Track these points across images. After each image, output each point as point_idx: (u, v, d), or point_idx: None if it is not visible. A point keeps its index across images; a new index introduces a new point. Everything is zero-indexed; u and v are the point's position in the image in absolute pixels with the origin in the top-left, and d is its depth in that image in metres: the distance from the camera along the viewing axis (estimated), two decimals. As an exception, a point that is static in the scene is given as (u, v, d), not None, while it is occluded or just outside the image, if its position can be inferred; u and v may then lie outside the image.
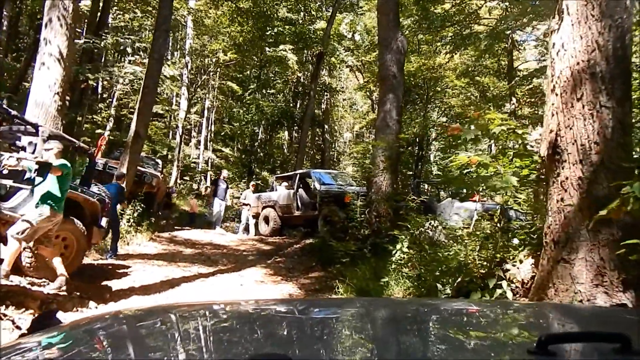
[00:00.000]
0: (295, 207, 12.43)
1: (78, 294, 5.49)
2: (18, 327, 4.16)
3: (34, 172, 5.05)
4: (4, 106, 5.49)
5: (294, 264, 8.80)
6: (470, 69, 23.47)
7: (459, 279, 3.86)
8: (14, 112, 5.65)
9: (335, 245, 7.48)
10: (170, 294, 6.16)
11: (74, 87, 14.36)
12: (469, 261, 4.03)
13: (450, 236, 7.24)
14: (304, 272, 8.08)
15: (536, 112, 22.59)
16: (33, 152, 5.85)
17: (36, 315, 4.26)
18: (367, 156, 32.27)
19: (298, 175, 12.97)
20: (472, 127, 3.70)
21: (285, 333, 1.22)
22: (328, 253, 8.16)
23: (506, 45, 20.64)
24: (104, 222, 6.78)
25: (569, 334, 1.14)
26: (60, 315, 4.42)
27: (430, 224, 7.98)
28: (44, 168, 4.90)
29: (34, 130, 5.95)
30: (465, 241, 5.42)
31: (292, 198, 12.49)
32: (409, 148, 21.10)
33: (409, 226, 7.20)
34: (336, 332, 1.25)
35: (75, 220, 6.09)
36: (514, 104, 21.50)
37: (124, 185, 8.96)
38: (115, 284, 6.37)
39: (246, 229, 14.43)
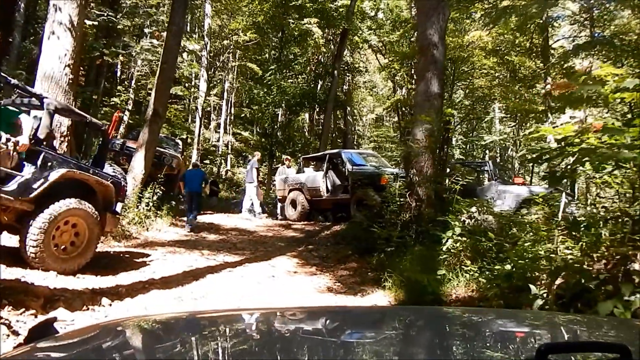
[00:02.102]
0: (325, 189, 11.62)
1: (89, 288, 4.80)
2: (15, 333, 3.45)
3: None
4: (3, 74, 4.77)
5: (327, 252, 8.03)
6: (501, 47, 22.26)
7: (559, 280, 3.03)
8: (14, 81, 4.93)
9: (377, 232, 6.66)
10: (194, 287, 5.43)
11: (90, 64, 13.74)
12: (570, 257, 3.18)
13: (503, 223, 6.43)
14: (340, 261, 7.30)
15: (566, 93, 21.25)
16: (37, 129, 5.14)
17: (36, 322, 3.54)
18: (388, 139, 31.57)
19: (327, 155, 12.13)
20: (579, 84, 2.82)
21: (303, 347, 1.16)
22: (366, 240, 7.39)
23: (540, 21, 19.28)
24: (119, 207, 6.07)
25: (569, 344, 1.13)
26: (66, 315, 3.66)
27: (477, 208, 7.18)
28: None
29: (39, 103, 5.24)
30: (541, 230, 4.57)
31: (322, 180, 11.68)
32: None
33: (464, 210, 6.37)
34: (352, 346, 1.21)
35: (87, 204, 5.37)
36: (548, 84, 20.10)
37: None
38: (132, 276, 5.64)
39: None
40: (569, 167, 3.42)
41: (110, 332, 1.23)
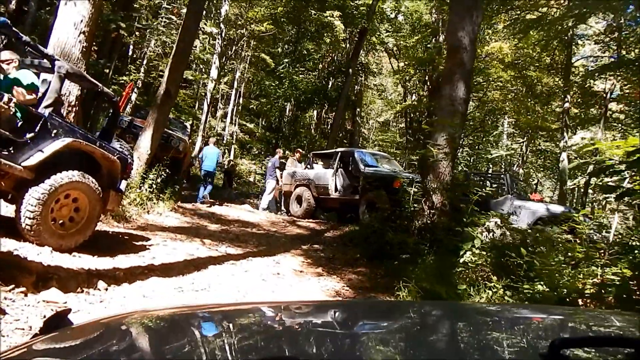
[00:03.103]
0: (334, 188, 11.27)
1: (85, 269, 4.45)
2: (1, 311, 3.12)
3: None
4: (14, 29, 4.41)
5: (334, 253, 7.68)
6: (520, 61, 21.89)
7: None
8: (26, 38, 4.57)
9: (391, 237, 6.33)
10: (195, 278, 5.09)
11: (104, 38, 13.38)
12: (618, 282, 2.85)
13: (525, 239, 6.13)
14: (348, 264, 6.96)
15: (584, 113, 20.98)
16: (45, 92, 4.79)
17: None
18: (394, 144, 31.20)
19: (339, 153, 11.76)
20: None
21: (303, 337, 1.16)
22: (376, 244, 7.06)
23: (566, 37, 18.85)
24: (123, 185, 5.72)
25: (583, 338, 1.09)
26: (58, 297, 3.31)
27: (495, 222, 6.88)
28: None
29: (49, 65, 4.89)
30: (577, 251, 4.24)
31: (331, 178, 11.32)
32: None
33: (480, 222, 6.06)
34: (356, 336, 1.21)
35: (91, 178, 5.02)
36: (567, 101, 19.67)
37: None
38: (131, 260, 5.29)
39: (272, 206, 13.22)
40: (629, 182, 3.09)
41: (123, 324, 1.21)
